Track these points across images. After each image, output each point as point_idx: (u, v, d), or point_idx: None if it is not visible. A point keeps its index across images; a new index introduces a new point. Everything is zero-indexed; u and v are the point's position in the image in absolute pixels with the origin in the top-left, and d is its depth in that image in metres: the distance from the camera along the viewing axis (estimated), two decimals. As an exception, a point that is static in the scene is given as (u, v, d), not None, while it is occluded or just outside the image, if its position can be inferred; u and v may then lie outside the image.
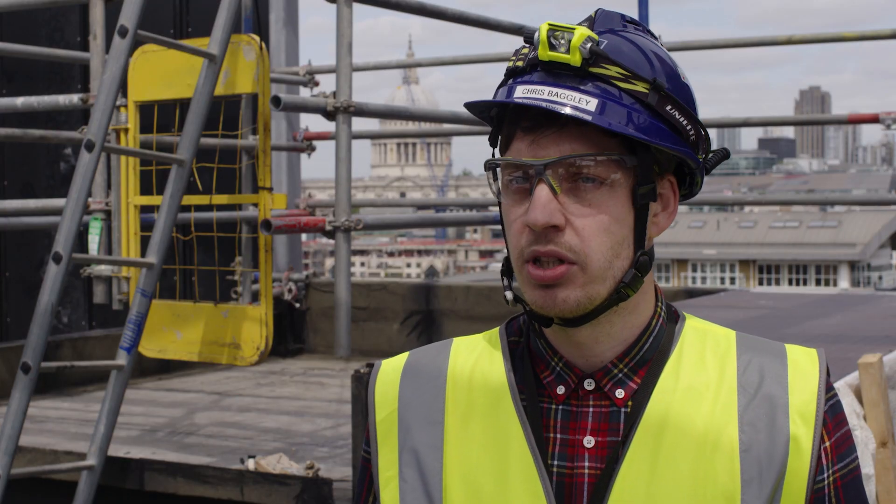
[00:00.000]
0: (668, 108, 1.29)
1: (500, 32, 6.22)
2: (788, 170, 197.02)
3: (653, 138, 1.28)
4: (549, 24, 1.28)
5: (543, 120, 1.28)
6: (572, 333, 1.32)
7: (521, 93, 1.28)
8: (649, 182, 1.30)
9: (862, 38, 7.92)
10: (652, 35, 1.36)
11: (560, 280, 1.27)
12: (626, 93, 1.27)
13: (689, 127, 1.32)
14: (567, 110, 1.25)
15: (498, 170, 1.33)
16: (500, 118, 1.35)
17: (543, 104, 1.26)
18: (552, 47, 1.27)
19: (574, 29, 1.27)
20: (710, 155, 1.38)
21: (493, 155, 1.36)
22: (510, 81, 1.32)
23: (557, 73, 1.28)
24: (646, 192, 1.30)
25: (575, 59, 1.26)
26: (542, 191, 1.26)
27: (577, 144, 1.27)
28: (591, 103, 1.25)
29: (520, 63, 1.32)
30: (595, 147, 1.27)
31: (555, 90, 1.26)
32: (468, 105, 1.35)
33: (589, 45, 1.27)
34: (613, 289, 1.30)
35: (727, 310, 6.25)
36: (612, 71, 1.27)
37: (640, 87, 1.28)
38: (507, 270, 1.36)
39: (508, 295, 1.36)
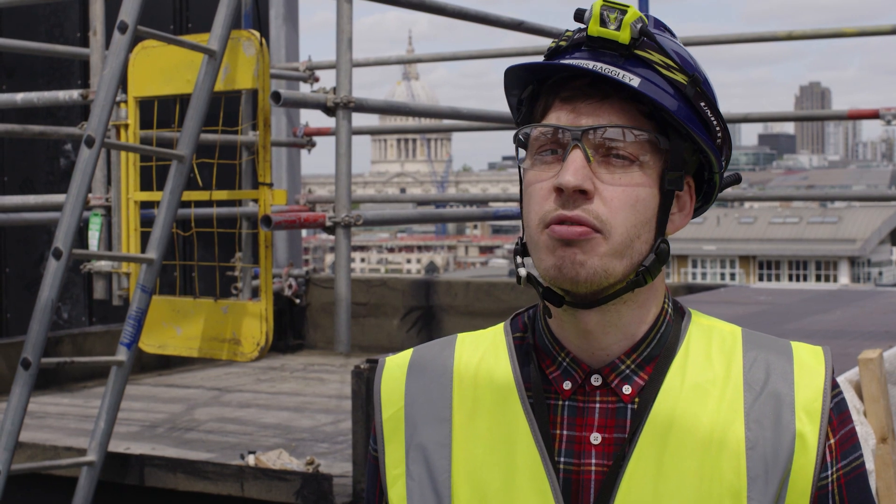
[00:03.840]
0: (703, 104, 1.31)
1: (500, 28, 6.21)
2: (788, 165, 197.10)
3: (689, 125, 1.29)
4: (604, 1, 1.29)
5: (586, 89, 1.29)
6: (580, 319, 1.32)
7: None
8: (678, 169, 1.31)
9: (862, 33, 7.92)
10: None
11: (581, 239, 1.26)
12: (666, 80, 1.29)
13: (717, 129, 1.33)
14: (612, 75, 1.26)
15: (528, 142, 1.33)
16: (532, 97, 1.35)
17: (591, 66, 1.26)
18: (603, 23, 1.28)
19: (627, 7, 1.28)
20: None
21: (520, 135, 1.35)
22: (552, 59, 1.32)
23: (602, 53, 1.29)
24: (674, 179, 1.31)
25: (624, 37, 1.27)
26: (576, 155, 1.27)
27: (616, 118, 1.28)
28: (635, 80, 1.27)
29: (563, 43, 1.32)
30: (632, 124, 1.28)
31: (599, 65, 1.27)
32: (509, 70, 1.34)
33: (640, 25, 1.28)
34: (630, 270, 1.29)
35: (727, 305, 6.24)
36: (656, 57, 1.29)
37: (679, 78, 1.29)
38: (521, 251, 1.35)
39: (522, 272, 1.34)
